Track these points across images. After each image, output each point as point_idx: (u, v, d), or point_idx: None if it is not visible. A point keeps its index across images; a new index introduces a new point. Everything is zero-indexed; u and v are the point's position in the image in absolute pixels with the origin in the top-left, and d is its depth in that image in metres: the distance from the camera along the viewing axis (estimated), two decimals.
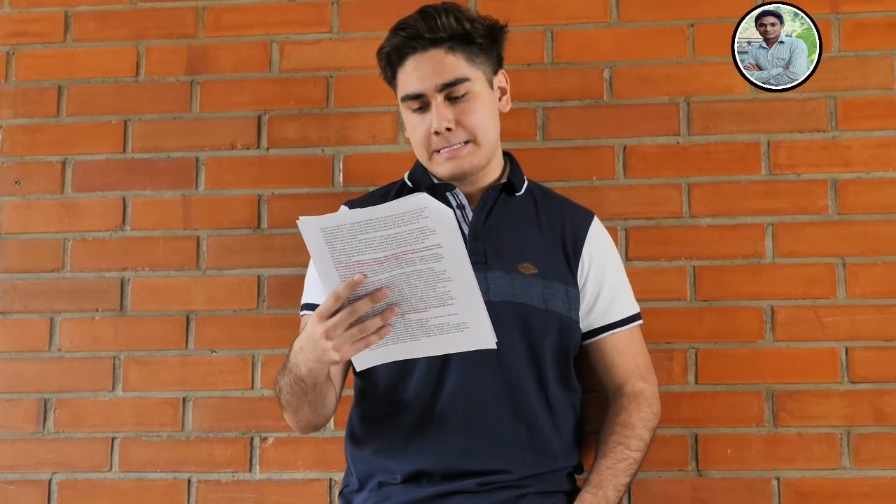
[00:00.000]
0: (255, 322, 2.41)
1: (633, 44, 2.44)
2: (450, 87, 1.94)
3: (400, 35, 1.96)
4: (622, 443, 1.98)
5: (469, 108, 1.95)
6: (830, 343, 2.29)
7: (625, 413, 2.02)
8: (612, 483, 1.92)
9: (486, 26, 1.99)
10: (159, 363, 2.41)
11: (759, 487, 2.26)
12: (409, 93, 1.96)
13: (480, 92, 1.97)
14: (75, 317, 2.44)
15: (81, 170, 2.50)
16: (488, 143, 1.99)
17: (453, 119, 1.93)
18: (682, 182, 2.37)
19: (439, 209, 1.58)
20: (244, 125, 2.49)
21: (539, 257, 2.00)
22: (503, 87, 2.06)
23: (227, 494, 2.35)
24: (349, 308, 1.64)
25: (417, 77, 1.94)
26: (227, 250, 2.44)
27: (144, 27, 2.55)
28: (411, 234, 1.60)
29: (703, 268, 2.34)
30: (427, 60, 1.94)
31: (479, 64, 1.98)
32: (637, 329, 2.12)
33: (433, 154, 1.97)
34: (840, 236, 2.33)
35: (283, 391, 1.91)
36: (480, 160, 1.99)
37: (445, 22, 1.93)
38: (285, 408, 1.96)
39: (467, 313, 1.67)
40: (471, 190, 2.04)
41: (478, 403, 1.92)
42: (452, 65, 1.94)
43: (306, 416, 1.96)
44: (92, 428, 2.40)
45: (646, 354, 2.14)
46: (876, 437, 2.26)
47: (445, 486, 1.87)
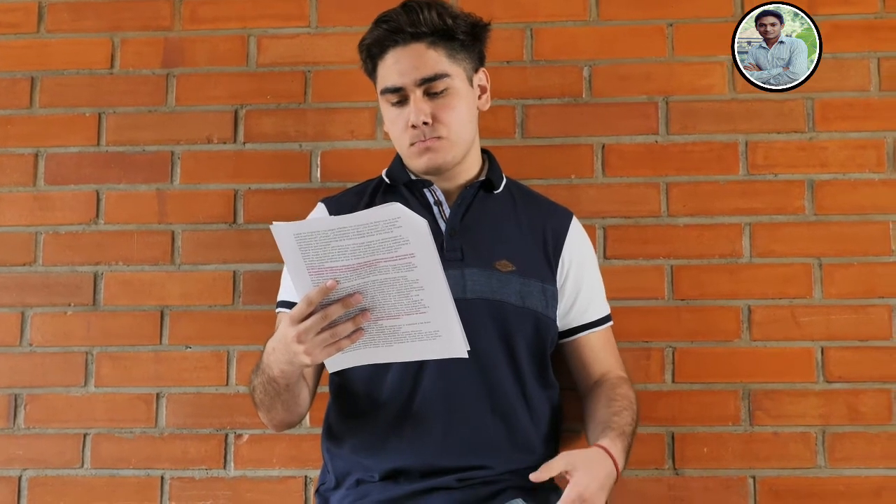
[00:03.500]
0: (230, 318, 2.39)
1: (613, 42, 2.44)
2: (429, 83, 1.94)
3: (381, 28, 1.95)
4: (616, 400, 1.98)
5: (447, 104, 1.95)
6: (806, 343, 2.31)
7: (614, 388, 2.01)
8: (619, 428, 1.92)
9: (469, 23, 1.99)
10: (132, 358, 2.39)
11: (735, 486, 2.27)
12: (388, 86, 1.96)
13: (459, 89, 1.97)
14: (47, 311, 2.41)
15: (54, 162, 2.47)
16: (462, 141, 1.99)
17: (430, 114, 1.93)
18: (661, 181, 2.38)
19: (413, 219, 1.58)
20: (220, 119, 2.47)
21: (516, 254, 1.99)
22: (483, 86, 2.05)
23: (201, 492, 2.33)
24: (321, 313, 1.64)
25: (398, 71, 1.94)
26: (202, 245, 2.42)
27: (119, 19, 2.52)
28: (384, 242, 1.59)
29: (680, 267, 2.35)
30: (408, 54, 1.94)
31: (459, 60, 1.98)
32: (611, 329, 2.13)
33: (409, 147, 1.97)
34: (816, 237, 2.34)
35: (257, 390, 1.92)
36: (455, 156, 1.99)
37: (428, 17, 1.93)
38: (259, 406, 1.96)
39: (439, 322, 1.67)
40: (449, 187, 2.03)
41: (455, 400, 1.91)
42: (433, 60, 1.94)
43: (280, 415, 1.96)
44: (63, 424, 2.37)
45: (618, 353, 2.15)
46: (851, 437, 2.27)
47: (424, 483, 1.87)
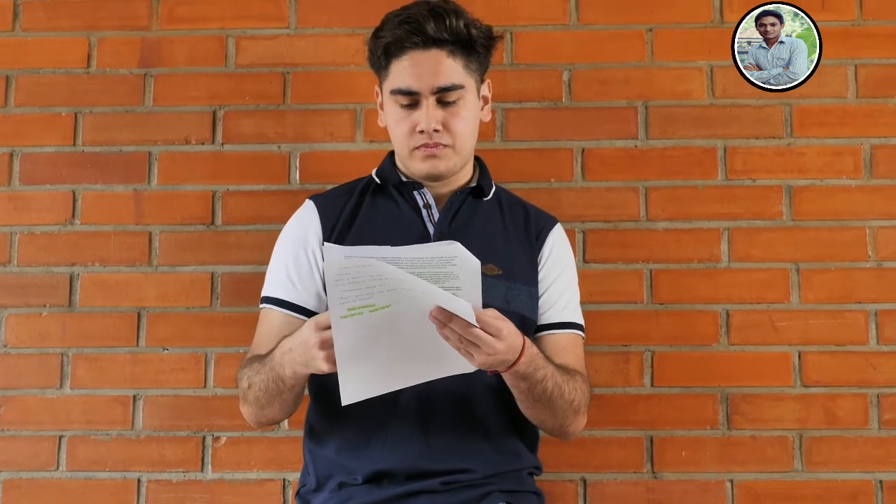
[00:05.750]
0: (208, 320, 2.38)
1: (593, 47, 2.45)
2: (444, 92, 1.92)
3: (404, 28, 1.91)
4: (568, 370, 1.93)
5: (457, 114, 1.94)
6: (784, 347, 2.32)
7: (572, 371, 1.97)
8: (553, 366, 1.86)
9: (487, 36, 1.97)
10: (109, 360, 2.37)
11: (713, 489, 2.28)
12: (402, 87, 1.93)
13: (469, 100, 1.96)
14: (22, 312, 2.39)
15: (30, 162, 2.45)
16: (466, 151, 1.99)
17: (441, 122, 1.92)
18: (640, 185, 2.39)
19: (469, 260, 1.59)
20: (199, 120, 2.45)
21: (503, 259, 1.99)
22: (486, 97, 2.05)
23: (179, 494, 2.32)
24: None
25: (414, 74, 1.92)
26: (179, 246, 2.41)
27: (96, 17, 2.50)
28: (433, 275, 1.59)
29: (659, 271, 2.36)
30: (427, 60, 1.91)
31: (472, 71, 1.97)
32: (580, 340, 2.08)
33: (413, 150, 1.96)
34: (794, 242, 2.36)
35: (255, 387, 1.88)
36: (456, 165, 1.98)
37: (455, 25, 1.91)
38: (252, 403, 1.92)
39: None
40: (439, 191, 2.02)
41: (438, 403, 1.90)
42: (451, 69, 1.92)
43: (272, 414, 1.93)
44: (39, 426, 2.35)
45: (585, 366, 2.07)
46: (827, 441, 2.29)
47: (408, 487, 1.86)
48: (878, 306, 2.34)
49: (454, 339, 1.64)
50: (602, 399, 2.29)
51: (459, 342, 1.65)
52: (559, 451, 2.22)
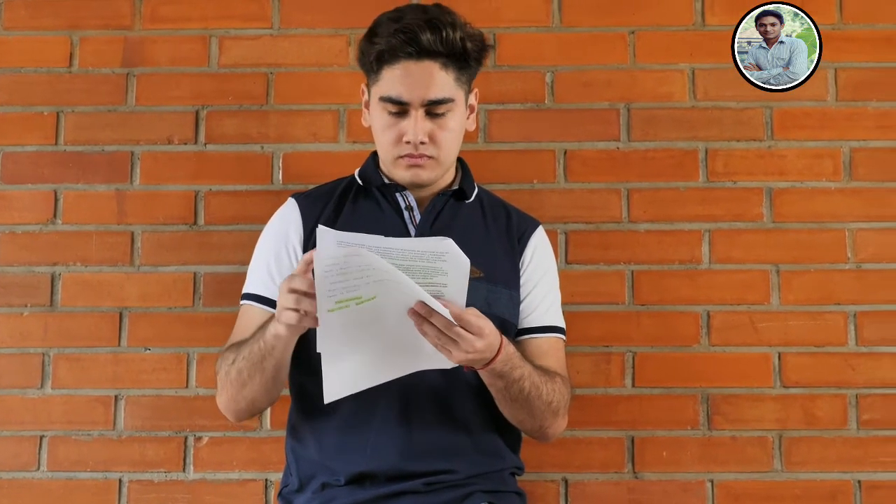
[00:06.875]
0: (190, 320, 2.38)
1: (575, 49, 2.46)
2: (434, 105, 1.92)
3: (399, 37, 1.90)
4: (548, 372, 1.94)
5: (444, 126, 1.94)
6: (764, 348, 2.34)
7: (552, 373, 1.98)
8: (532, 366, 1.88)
9: (480, 48, 1.97)
10: (90, 360, 2.36)
11: (693, 489, 2.30)
12: (392, 96, 1.92)
13: (458, 112, 1.96)
14: (3, 312, 2.38)
15: (11, 161, 2.44)
16: (449, 161, 1.99)
17: (428, 134, 1.92)
18: (622, 187, 2.40)
19: (459, 257, 1.61)
20: (181, 120, 2.45)
21: (484, 261, 1.99)
22: (473, 105, 2.04)
23: (160, 495, 2.31)
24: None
25: (406, 85, 1.91)
26: (162, 246, 2.40)
27: (79, 17, 2.49)
28: (423, 269, 1.61)
29: (641, 272, 2.37)
30: (420, 71, 1.90)
31: (462, 84, 1.96)
32: (562, 343, 2.08)
33: (398, 159, 1.96)
34: (774, 244, 2.38)
35: (237, 363, 1.86)
36: (439, 174, 1.99)
37: (451, 37, 1.89)
38: (232, 383, 1.89)
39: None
40: (422, 194, 2.02)
41: (419, 404, 1.91)
42: (443, 82, 1.92)
43: (252, 392, 1.89)
44: (20, 426, 2.34)
45: (566, 368, 2.08)
46: (807, 441, 2.31)
47: (391, 487, 1.86)
48: (857, 308, 2.35)
49: (433, 335, 1.66)
50: (583, 399, 2.30)
51: (437, 339, 1.66)
52: (541, 452, 2.23)
